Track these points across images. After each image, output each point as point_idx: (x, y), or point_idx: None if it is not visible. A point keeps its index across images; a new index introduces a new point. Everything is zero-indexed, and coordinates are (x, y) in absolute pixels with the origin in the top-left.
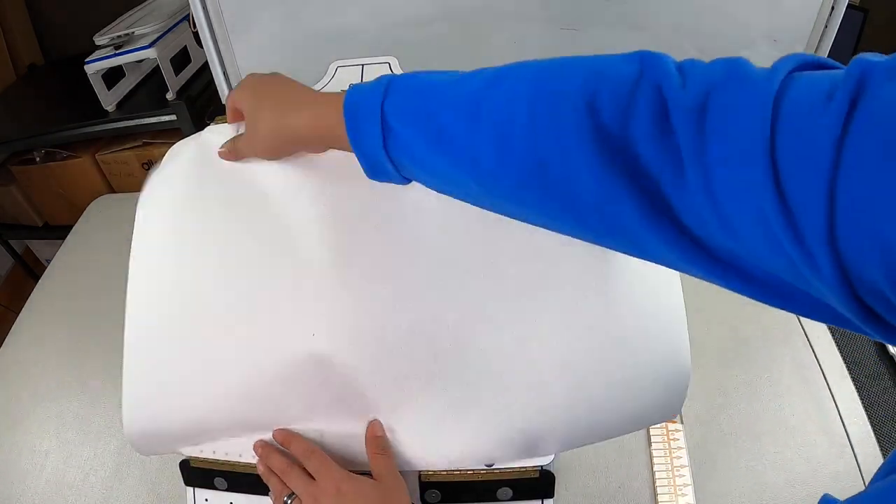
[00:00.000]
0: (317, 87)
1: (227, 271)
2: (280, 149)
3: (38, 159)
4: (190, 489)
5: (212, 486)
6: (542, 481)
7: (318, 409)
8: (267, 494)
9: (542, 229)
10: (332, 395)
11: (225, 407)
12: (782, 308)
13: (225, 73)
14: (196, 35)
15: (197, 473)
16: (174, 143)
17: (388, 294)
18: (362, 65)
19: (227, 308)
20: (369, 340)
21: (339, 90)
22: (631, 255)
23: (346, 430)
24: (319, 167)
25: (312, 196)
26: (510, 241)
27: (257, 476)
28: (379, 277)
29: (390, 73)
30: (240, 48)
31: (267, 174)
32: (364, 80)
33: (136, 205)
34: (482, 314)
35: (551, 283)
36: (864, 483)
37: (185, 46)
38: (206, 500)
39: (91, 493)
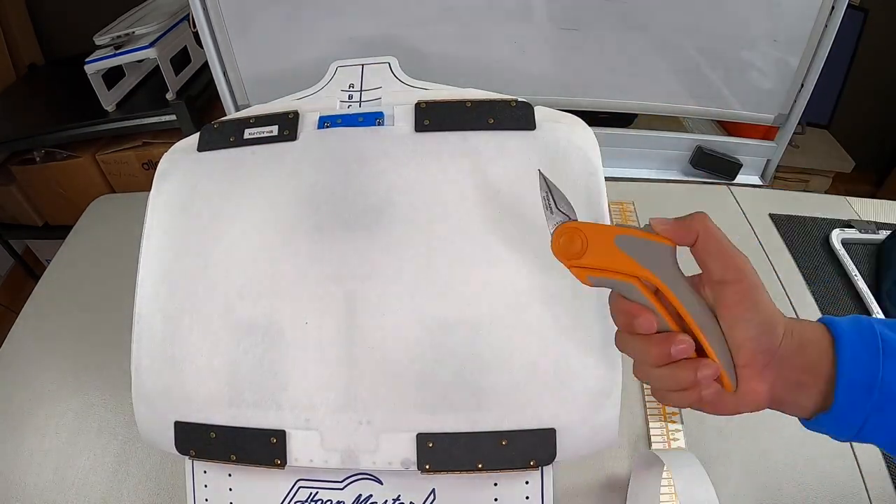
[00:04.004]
0: (317, 87)
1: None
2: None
3: (38, 159)
4: (189, 462)
5: (206, 445)
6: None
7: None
8: (263, 464)
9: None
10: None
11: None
12: None
13: (225, 73)
14: (196, 35)
15: (190, 429)
16: (174, 143)
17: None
18: (362, 65)
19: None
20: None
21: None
22: None
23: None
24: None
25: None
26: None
27: (252, 433)
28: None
29: (392, 74)
30: (240, 48)
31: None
32: (364, 80)
33: (136, 205)
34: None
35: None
36: (865, 483)
37: (185, 46)
38: (205, 471)
39: (91, 493)
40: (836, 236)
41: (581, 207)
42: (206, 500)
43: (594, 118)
